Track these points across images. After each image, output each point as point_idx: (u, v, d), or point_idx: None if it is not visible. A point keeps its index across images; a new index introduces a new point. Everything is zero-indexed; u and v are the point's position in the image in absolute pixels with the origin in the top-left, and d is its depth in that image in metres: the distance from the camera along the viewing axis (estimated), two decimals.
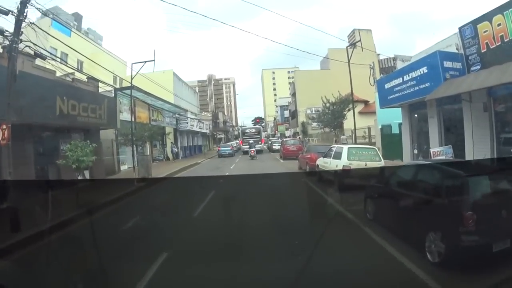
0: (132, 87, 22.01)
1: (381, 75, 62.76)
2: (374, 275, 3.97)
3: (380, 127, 21.12)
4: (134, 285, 3.99)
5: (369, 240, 5.10)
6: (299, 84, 51.69)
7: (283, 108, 75.30)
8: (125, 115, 22.59)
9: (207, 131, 47.42)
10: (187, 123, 34.44)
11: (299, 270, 3.78)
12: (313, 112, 49.86)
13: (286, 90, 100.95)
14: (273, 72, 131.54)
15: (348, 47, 26.60)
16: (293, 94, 56.74)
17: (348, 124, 40.76)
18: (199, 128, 40.93)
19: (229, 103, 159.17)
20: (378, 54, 65.08)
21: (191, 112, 42.01)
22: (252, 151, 27.35)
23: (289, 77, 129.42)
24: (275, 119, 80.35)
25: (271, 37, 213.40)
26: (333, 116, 32.18)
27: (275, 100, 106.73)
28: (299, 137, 40.51)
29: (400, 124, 18.95)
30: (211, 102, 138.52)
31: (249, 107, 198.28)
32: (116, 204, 6.76)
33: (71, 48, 18.28)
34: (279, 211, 5.56)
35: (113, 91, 21.43)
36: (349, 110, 31.62)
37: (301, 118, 49.45)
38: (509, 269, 3.48)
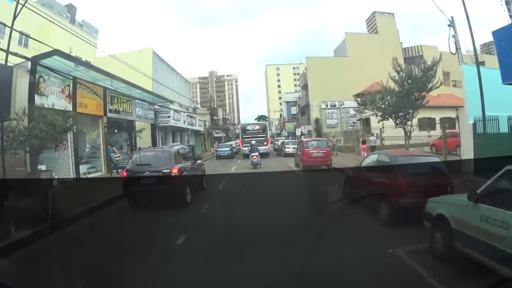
0: (55, 53, 13.65)
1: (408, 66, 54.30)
2: (374, 273, 3.93)
3: (472, 122, 12.57)
4: (134, 284, 4.01)
5: (369, 238, 5.02)
6: (312, 73, 43.10)
7: (289, 104, 66.88)
8: (51, 100, 14.33)
9: (201, 129, 39.03)
10: (169, 117, 26.06)
11: (300, 267, 3.75)
12: (328, 106, 41.27)
13: (292, 87, 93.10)
14: (278, 68, 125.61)
15: None
16: (304, 87, 48.17)
17: (375, 121, 32.38)
18: (189, 124, 32.51)
19: (231, 100, 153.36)
20: (401, 43, 56.78)
21: (181, 104, 33.69)
22: (255, 157, 18.90)
23: (294, 73, 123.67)
24: (281, 116, 71.70)
25: (278, 35, 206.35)
26: (408, 98, 18.65)
27: (279, 98, 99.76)
28: (328, 138, 30.09)
29: None
30: (212, 98, 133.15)
31: (252, 104, 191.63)
32: (116, 203, 6.86)
33: None
34: (280, 210, 5.65)
35: (29, 64, 13.19)
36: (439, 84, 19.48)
37: (314, 113, 40.95)
38: (509, 269, 3.14)
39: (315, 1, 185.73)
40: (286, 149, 28.77)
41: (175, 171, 8.82)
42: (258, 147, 20.94)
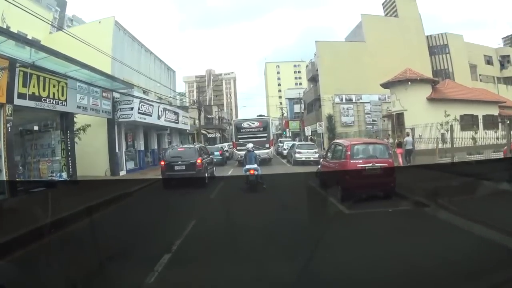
0: None
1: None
2: (375, 275, 3.92)
3: None
4: (135, 286, 3.98)
5: (370, 240, 4.96)
6: (324, 61, 35.51)
7: (292, 101, 59.58)
8: None
9: (187, 127, 31.52)
10: (132, 108, 18.51)
11: (300, 270, 3.78)
12: (342, 100, 33.73)
13: (293, 86, 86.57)
14: (278, 66, 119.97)
15: None
16: (312, 79, 40.79)
17: (411, 117, 25.15)
18: (169, 120, 24.98)
19: (229, 100, 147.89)
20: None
21: (161, 97, 26.28)
22: (252, 171, 10.97)
23: (295, 71, 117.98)
24: (282, 114, 64.22)
25: (280, 36, 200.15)
26: None
27: (279, 97, 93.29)
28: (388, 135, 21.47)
29: None
30: (202, 93, 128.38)
31: (253, 104, 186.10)
32: (117, 204, 6.79)
33: None
34: (280, 211, 5.70)
35: None
36: None
37: (326, 109, 33.47)
38: (510, 269, 3.25)
39: (318, 2, 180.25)
40: (297, 155, 21.39)
41: (199, 161, 12.92)
42: (257, 155, 13.04)
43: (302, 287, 3.64)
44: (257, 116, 29.76)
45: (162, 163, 13.58)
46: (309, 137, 39.36)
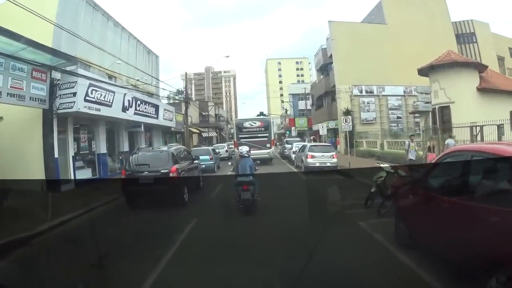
0: None
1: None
2: (375, 275, 3.80)
3: None
4: (135, 286, 3.95)
5: (370, 240, 4.86)
6: (339, 45, 29.42)
7: (296, 97, 53.78)
8: None
9: (172, 124, 25.68)
10: (74, 94, 12.63)
11: (299, 269, 3.67)
12: (362, 92, 27.96)
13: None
14: (279, 63, 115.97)
15: None
16: (323, 68, 34.90)
17: (459, 111, 19.47)
18: (141, 114, 19.15)
19: (228, 98, 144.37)
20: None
21: (137, 86, 20.54)
22: (245, 187, 6.72)
23: (297, 68, 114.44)
24: (286, 111, 58.35)
25: (284, 36, 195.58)
26: None
27: (281, 95, 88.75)
28: None
29: None
30: (207, 95, 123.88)
31: (253, 103, 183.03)
32: (117, 203, 6.61)
33: None
34: (280, 211, 5.56)
35: None
36: None
37: (343, 103, 27.60)
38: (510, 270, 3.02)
39: (322, 1, 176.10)
40: (309, 160, 16.34)
41: (173, 171, 9.26)
42: (254, 162, 8.56)
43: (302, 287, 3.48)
44: (258, 114, 27.81)
45: (124, 173, 9.93)
46: (311, 138, 33.78)
